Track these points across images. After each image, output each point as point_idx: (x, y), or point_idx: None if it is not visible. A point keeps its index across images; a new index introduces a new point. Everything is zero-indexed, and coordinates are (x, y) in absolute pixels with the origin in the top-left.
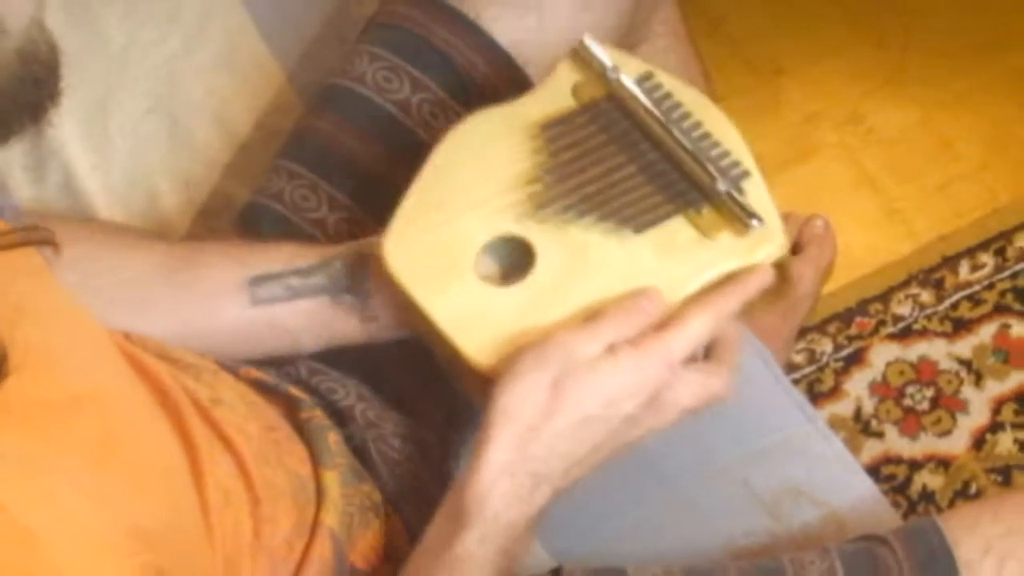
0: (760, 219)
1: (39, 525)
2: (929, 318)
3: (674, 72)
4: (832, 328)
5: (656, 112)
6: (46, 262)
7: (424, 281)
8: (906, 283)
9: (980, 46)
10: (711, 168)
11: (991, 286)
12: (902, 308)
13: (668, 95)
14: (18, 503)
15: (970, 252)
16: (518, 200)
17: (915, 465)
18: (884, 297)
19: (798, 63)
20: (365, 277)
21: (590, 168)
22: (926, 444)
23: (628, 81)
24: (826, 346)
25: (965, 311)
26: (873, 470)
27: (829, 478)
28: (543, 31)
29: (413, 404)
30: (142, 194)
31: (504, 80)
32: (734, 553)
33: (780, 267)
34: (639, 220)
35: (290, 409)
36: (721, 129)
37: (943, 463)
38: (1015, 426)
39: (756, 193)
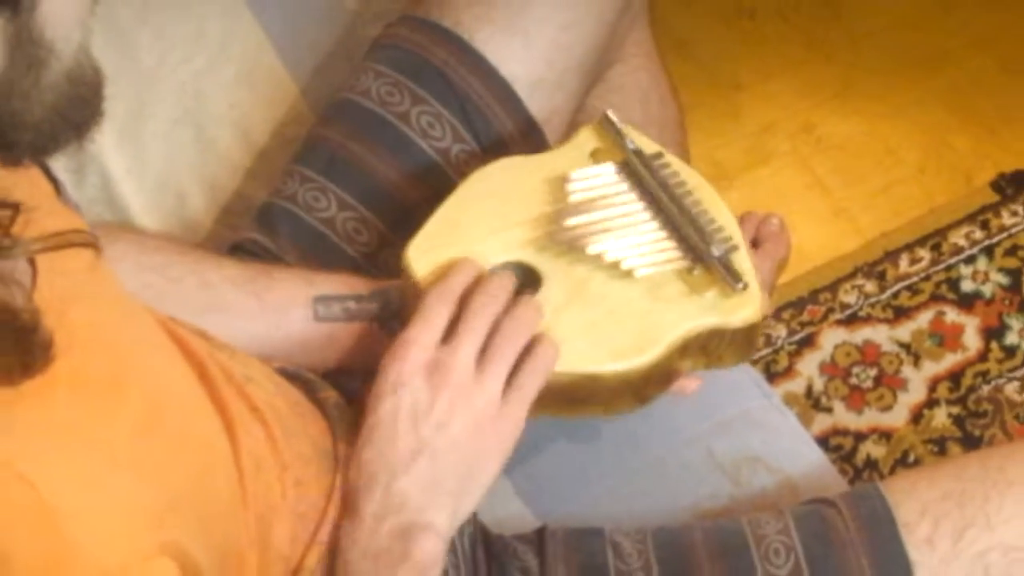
0: (744, 283)
1: (65, 504)
2: (873, 306)
3: (646, 87)
4: (786, 315)
5: (664, 184)
6: (96, 259)
7: None
8: (852, 275)
9: (918, 64)
10: (707, 237)
11: (928, 278)
12: (849, 297)
13: (675, 172)
14: (49, 481)
15: (909, 247)
16: (535, 235)
17: (860, 437)
18: (833, 287)
19: (755, 79)
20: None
21: (601, 219)
22: (870, 418)
23: (643, 153)
24: (781, 331)
25: (905, 300)
26: (822, 441)
27: (783, 448)
28: (528, 49)
29: None
30: (171, 196)
31: (495, 95)
32: (699, 514)
33: (753, 328)
34: (639, 267)
35: (309, 391)
36: (716, 207)
37: (885, 435)
38: (949, 402)
39: (742, 264)
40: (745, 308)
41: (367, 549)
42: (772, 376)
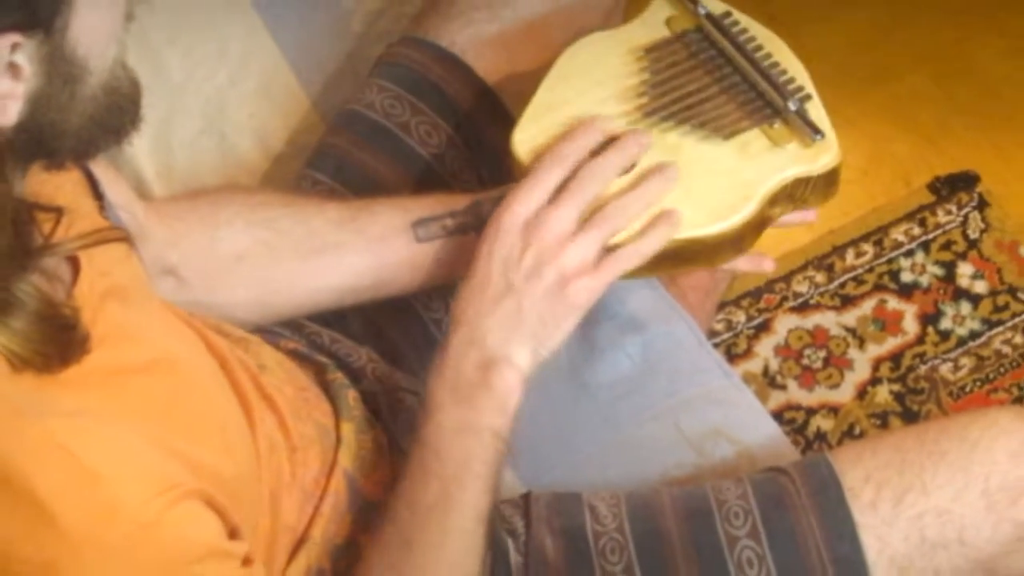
0: (822, 133)
1: (103, 468)
2: (822, 295)
3: None
4: (745, 303)
5: (737, 43)
6: (129, 252)
7: None
8: (804, 267)
9: (862, 79)
10: (782, 90)
11: (871, 269)
12: (801, 287)
13: (745, 30)
14: (87, 451)
15: (854, 242)
16: (628, 108)
17: (811, 411)
18: (786, 278)
19: None
20: None
21: (686, 86)
22: (819, 395)
23: (714, 16)
24: (740, 317)
25: (851, 289)
26: (777, 415)
27: (742, 422)
28: (512, 65)
29: (411, 364)
30: None
31: (485, 107)
32: (667, 482)
33: (834, 173)
34: (726, 129)
35: (319, 373)
36: (787, 60)
37: (833, 410)
38: (890, 380)
39: (816, 112)
40: (825, 155)
41: (451, 380)
42: (732, 357)
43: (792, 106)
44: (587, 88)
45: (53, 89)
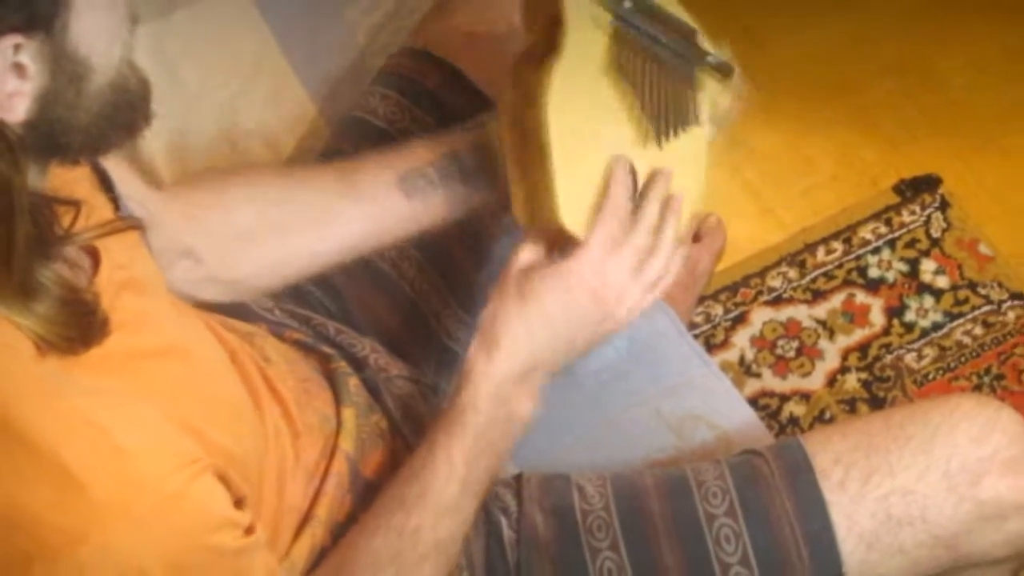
0: (732, 69)
1: (129, 442)
2: (795, 289)
3: None
4: (723, 297)
5: (651, 31)
6: (140, 239)
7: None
8: (777, 263)
9: (831, 88)
10: (698, 48)
11: (840, 266)
12: (775, 282)
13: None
14: (113, 426)
15: (825, 241)
16: (638, 136)
17: (784, 398)
18: (761, 274)
19: None
20: (482, 160)
21: (661, 92)
22: (792, 382)
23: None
24: (718, 310)
25: (821, 284)
26: (753, 401)
27: (720, 408)
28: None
29: (411, 354)
30: None
31: (479, 112)
32: (650, 464)
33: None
34: (691, 115)
35: (322, 361)
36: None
37: (805, 396)
38: (858, 369)
39: (706, 46)
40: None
41: (496, 378)
42: (710, 347)
43: (711, 60)
44: (598, 139)
45: (59, 87)
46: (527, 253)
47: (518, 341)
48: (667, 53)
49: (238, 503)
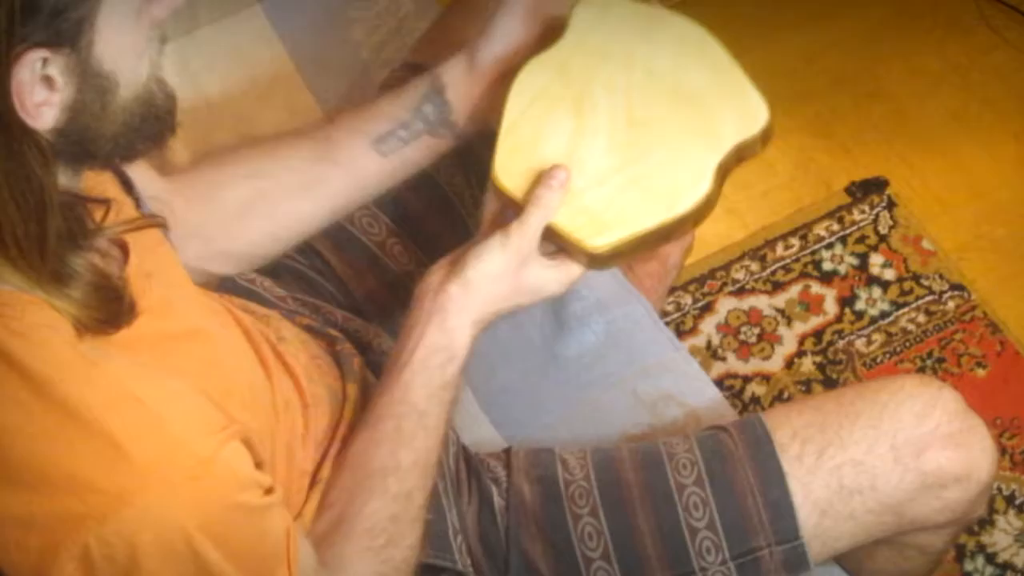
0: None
1: (166, 411)
2: (756, 281)
3: None
4: (691, 288)
5: None
6: (163, 236)
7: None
8: (740, 258)
9: (790, 99)
10: None
11: (797, 260)
12: (738, 274)
13: None
14: (151, 397)
15: (783, 237)
16: (583, 122)
17: (747, 379)
18: (726, 267)
19: None
20: (446, 104)
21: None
22: (754, 365)
23: None
24: (687, 300)
25: (780, 276)
26: (719, 382)
27: (689, 388)
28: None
29: None
30: None
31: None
32: (626, 438)
33: (769, 128)
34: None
35: (329, 344)
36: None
37: (765, 378)
38: (813, 353)
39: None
40: (760, 116)
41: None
42: (681, 334)
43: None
44: (542, 115)
45: (86, 99)
46: (539, 221)
47: (489, 311)
48: None
49: (258, 465)
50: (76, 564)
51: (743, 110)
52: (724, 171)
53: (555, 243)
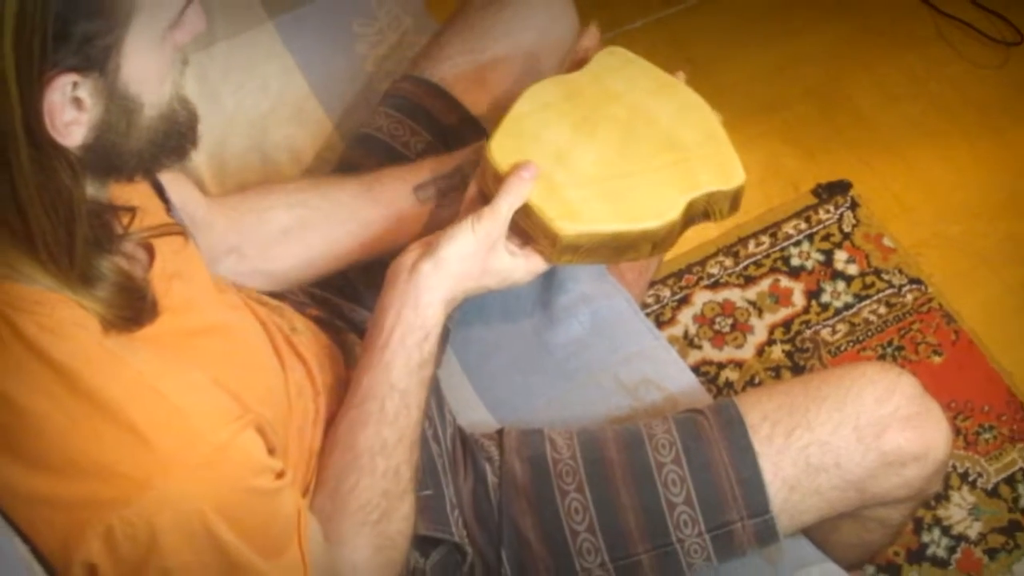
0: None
1: (185, 403)
2: (730, 275)
3: None
4: (670, 282)
5: None
6: (185, 242)
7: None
8: (715, 254)
9: (762, 108)
10: None
11: (768, 256)
12: (713, 269)
13: None
14: (172, 390)
15: (755, 235)
16: (578, 136)
17: (721, 366)
18: (702, 263)
19: None
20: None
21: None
22: (727, 353)
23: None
24: (666, 292)
25: (752, 271)
26: (695, 369)
27: (668, 373)
28: (486, 95)
29: None
30: None
31: (466, 127)
32: (610, 420)
33: (739, 192)
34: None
35: (336, 334)
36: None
37: (738, 364)
38: (782, 342)
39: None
40: (736, 177)
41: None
42: (660, 324)
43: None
44: (543, 117)
45: (112, 118)
46: (508, 206)
47: (459, 288)
48: None
49: (271, 451)
50: (101, 542)
51: (722, 168)
52: (690, 214)
53: (524, 235)
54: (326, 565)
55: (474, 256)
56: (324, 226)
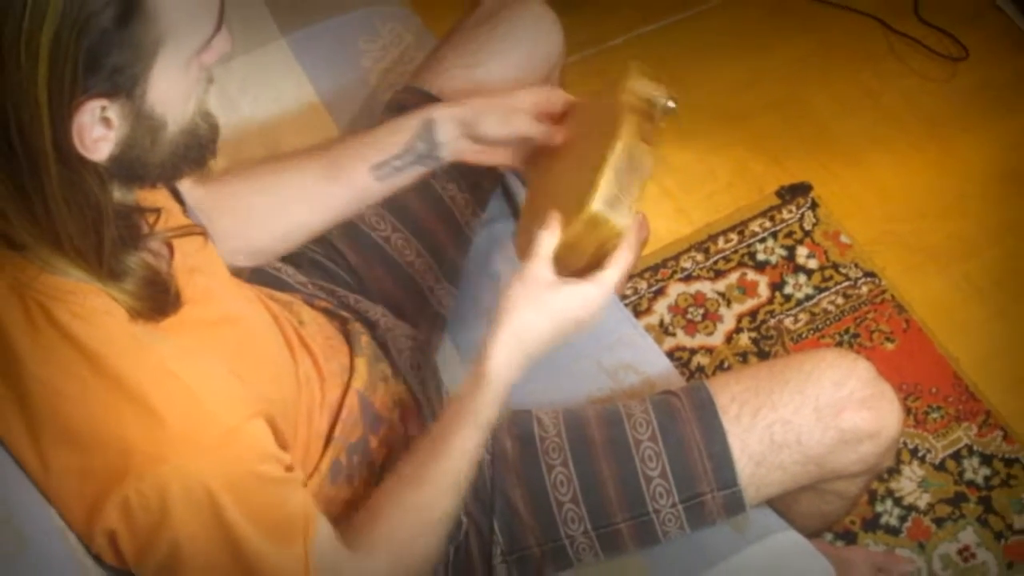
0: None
1: (200, 388)
2: (701, 269)
3: None
4: (647, 275)
5: None
6: (205, 241)
7: None
8: (688, 250)
9: (730, 118)
10: None
11: (736, 251)
12: (686, 264)
13: None
14: (188, 376)
15: (724, 232)
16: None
17: (693, 351)
18: (676, 258)
19: None
20: (434, 142)
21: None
22: (699, 340)
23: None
24: (643, 285)
25: (721, 265)
26: (669, 354)
27: (645, 359)
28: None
29: (411, 317)
30: None
31: None
32: (592, 401)
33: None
34: None
35: (342, 323)
36: None
37: (709, 350)
38: (749, 329)
39: None
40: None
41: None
42: (638, 313)
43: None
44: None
45: (137, 136)
46: (543, 267)
47: (534, 353)
48: None
49: (282, 446)
50: (118, 512)
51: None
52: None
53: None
54: (339, 570)
55: (530, 303)
56: (291, 208)
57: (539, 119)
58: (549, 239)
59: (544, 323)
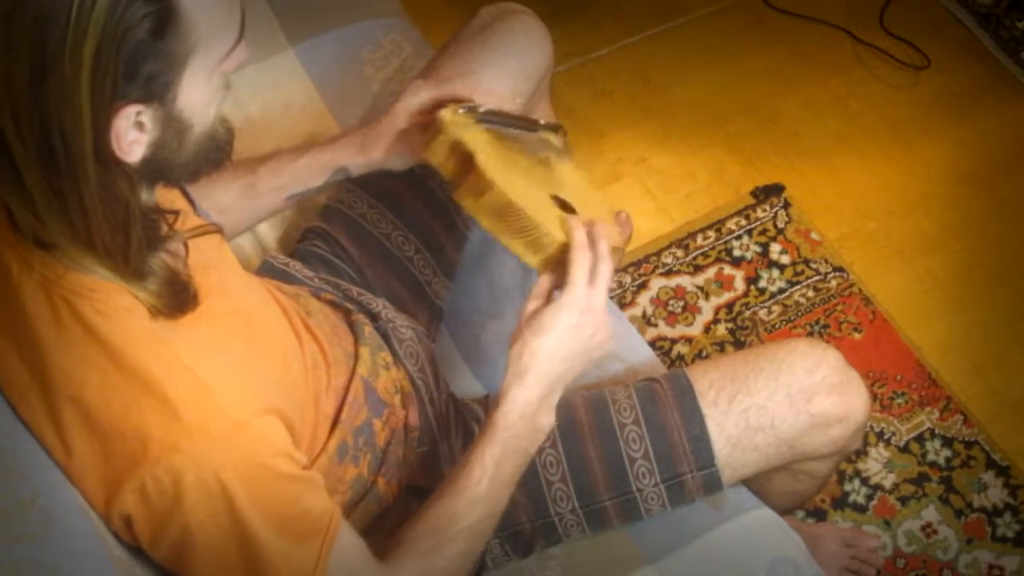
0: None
1: (213, 383)
2: (682, 264)
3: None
4: (630, 270)
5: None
6: (221, 240)
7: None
8: (669, 246)
9: (708, 122)
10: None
11: (714, 248)
12: (667, 259)
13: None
14: (202, 370)
15: (703, 230)
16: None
17: (674, 341)
18: (658, 253)
19: (612, 130)
20: (348, 173)
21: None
22: (680, 330)
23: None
24: (627, 279)
25: (700, 260)
26: (652, 344)
27: (629, 348)
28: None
29: (410, 309)
30: None
31: None
32: (579, 388)
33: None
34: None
35: (346, 314)
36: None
37: (688, 340)
38: (726, 321)
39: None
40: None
41: (522, 405)
42: (622, 306)
43: (544, 124)
44: (530, 184)
45: (167, 138)
46: (533, 302)
47: (542, 368)
48: (517, 128)
49: (297, 444)
50: (136, 496)
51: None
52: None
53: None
54: None
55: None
56: (234, 214)
57: (420, 118)
58: (533, 304)
59: (545, 341)
